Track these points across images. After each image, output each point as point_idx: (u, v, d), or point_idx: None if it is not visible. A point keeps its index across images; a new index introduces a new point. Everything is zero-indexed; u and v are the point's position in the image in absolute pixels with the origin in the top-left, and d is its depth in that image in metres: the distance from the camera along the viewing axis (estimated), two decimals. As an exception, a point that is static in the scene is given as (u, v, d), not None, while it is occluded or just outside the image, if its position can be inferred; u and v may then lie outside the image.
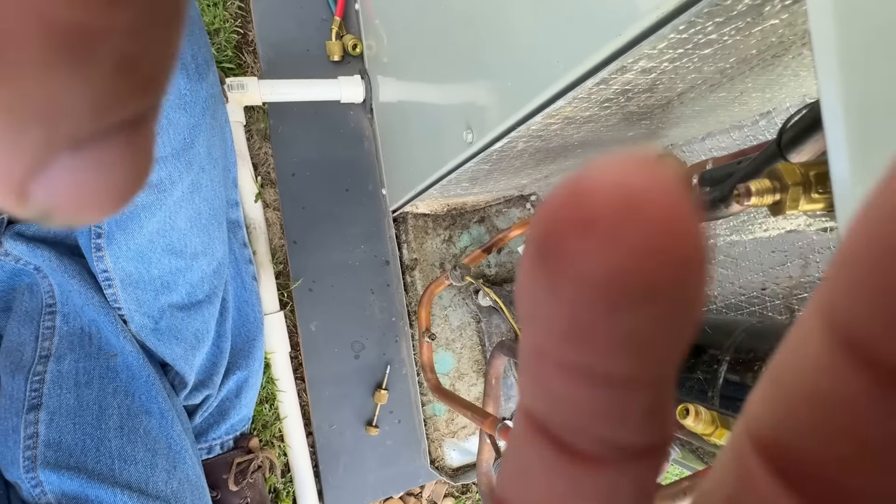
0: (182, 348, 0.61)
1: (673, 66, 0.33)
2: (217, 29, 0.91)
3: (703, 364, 0.47)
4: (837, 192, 0.21)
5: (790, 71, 0.40)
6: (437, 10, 0.57)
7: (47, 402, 0.52)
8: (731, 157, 0.46)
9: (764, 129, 0.58)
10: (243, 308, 0.76)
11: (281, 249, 0.87)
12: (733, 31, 0.29)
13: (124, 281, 0.57)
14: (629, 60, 0.30)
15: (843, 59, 0.20)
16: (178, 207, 0.58)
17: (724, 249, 0.74)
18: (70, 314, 0.57)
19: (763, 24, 0.28)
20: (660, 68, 0.33)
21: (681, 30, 0.27)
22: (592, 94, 0.36)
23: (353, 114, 0.93)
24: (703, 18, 0.26)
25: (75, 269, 0.57)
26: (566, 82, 0.35)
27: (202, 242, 0.62)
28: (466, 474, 0.90)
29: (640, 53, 0.29)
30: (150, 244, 0.57)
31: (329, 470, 0.83)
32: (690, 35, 0.28)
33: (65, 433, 0.51)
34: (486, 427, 0.61)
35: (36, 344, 0.55)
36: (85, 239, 0.56)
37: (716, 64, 0.34)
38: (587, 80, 0.33)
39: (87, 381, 0.54)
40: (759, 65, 0.36)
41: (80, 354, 0.55)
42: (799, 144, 0.31)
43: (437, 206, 0.95)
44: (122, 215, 0.55)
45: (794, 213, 0.25)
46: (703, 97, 0.44)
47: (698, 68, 0.34)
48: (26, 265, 0.57)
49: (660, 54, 0.30)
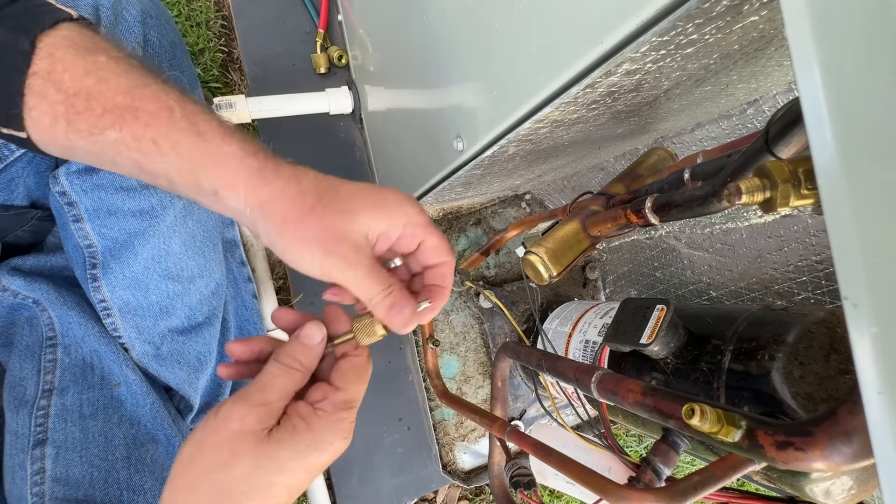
0: (185, 372, 0.61)
1: (657, 67, 0.33)
2: (202, 49, 0.91)
3: (707, 355, 0.48)
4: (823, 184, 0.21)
5: (774, 62, 0.40)
6: (420, 19, 0.56)
7: (53, 437, 0.52)
8: (721, 149, 0.47)
9: (752, 117, 0.59)
10: (245, 326, 0.76)
11: (280, 265, 0.87)
12: (714, 30, 0.29)
13: (122, 309, 0.56)
14: (613, 66, 0.30)
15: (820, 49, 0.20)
16: (172, 232, 0.58)
17: (721, 237, 0.75)
18: (71, 346, 0.56)
19: (743, 21, 0.28)
20: (644, 69, 0.33)
21: (662, 33, 0.27)
22: (579, 98, 0.36)
23: (344, 125, 0.93)
24: (684, 21, 0.26)
25: (74, 300, 0.57)
26: (552, 90, 0.35)
27: (198, 265, 0.62)
28: (479, 477, 0.90)
29: (623, 58, 0.29)
30: (145, 271, 0.57)
31: (342, 481, 0.83)
32: (672, 37, 0.28)
33: (72, 467, 0.51)
34: (495, 431, 0.61)
35: (38, 378, 0.55)
36: (80, 270, 0.56)
37: (699, 61, 0.34)
38: (573, 87, 0.33)
39: (91, 413, 0.54)
40: (743, 58, 0.36)
41: (83, 386, 0.55)
42: (786, 137, 0.32)
43: (433, 211, 0.95)
44: (115, 244, 0.55)
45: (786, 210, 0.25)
46: (689, 92, 0.44)
47: (682, 66, 0.34)
48: (25, 299, 0.57)
49: (643, 57, 0.30)
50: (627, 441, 1.13)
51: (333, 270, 0.32)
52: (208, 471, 0.29)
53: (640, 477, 0.44)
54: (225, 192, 0.31)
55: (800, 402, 0.38)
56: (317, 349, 0.34)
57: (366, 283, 0.32)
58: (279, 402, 0.31)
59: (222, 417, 0.30)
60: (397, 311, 0.33)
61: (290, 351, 0.33)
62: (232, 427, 0.30)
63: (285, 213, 0.31)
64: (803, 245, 0.63)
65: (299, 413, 0.32)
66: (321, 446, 0.31)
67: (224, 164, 0.31)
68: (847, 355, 0.40)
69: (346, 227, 0.32)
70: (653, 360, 0.51)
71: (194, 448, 0.30)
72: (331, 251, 0.31)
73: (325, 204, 0.32)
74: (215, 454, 0.29)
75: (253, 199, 0.31)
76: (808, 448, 0.26)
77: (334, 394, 0.32)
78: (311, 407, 0.32)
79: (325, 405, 0.32)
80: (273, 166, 0.32)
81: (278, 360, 0.33)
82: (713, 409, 0.30)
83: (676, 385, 0.49)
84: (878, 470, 0.20)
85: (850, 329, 0.20)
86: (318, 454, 0.30)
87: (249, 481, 0.29)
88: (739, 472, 0.37)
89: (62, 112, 0.30)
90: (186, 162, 0.31)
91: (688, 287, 0.83)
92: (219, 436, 0.30)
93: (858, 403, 0.23)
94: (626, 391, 0.40)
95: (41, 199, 0.56)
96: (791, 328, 0.41)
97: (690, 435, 0.34)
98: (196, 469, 0.30)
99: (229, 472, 0.29)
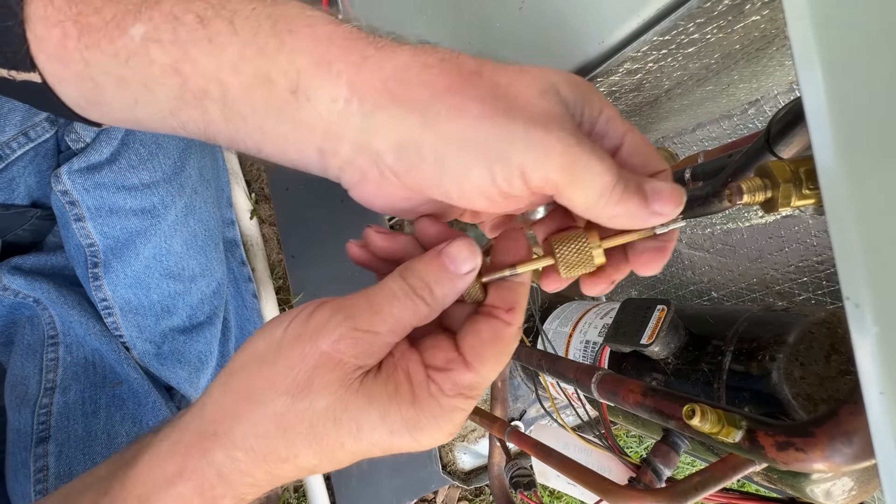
0: (186, 371, 0.61)
1: (658, 66, 0.33)
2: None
3: (708, 356, 0.48)
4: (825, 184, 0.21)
5: (775, 61, 0.40)
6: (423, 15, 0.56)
7: (55, 435, 0.52)
8: (722, 149, 0.46)
9: (753, 117, 0.58)
10: (245, 326, 0.76)
11: (280, 264, 0.87)
12: (715, 30, 0.29)
13: (124, 308, 0.57)
14: (614, 65, 0.30)
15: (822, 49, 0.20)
16: (173, 231, 0.58)
17: (721, 237, 0.74)
18: (73, 345, 0.57)
19: (745, 20, 0.28)
20: (645, 69, 0.33)
21: (663, 32, 0.27)
22: (579, 98, 0.36)
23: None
24: (685, 20, 0.26)
25: (74, 299, 0.57)
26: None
27: (200, 264, 0.62)
28: (479, 477, 0.90)
29: (624, 57, 0.29)
30: (147, 270, 0.57)
31: (341, 482, 0.83)
32: (673, 36, 0.28)
33: (75, 465, 0.51)
34: (495, 431, 0.61)
35: (40, 376, 0.55)
36: (82, 269, 0.56)
37: (700, 61, 0.34)
38: (573, 86, 0.33)
39: (93, 411, 0.54)
40: (744, 58, 0.36)
41: (85, 384, 0.55)
42: (787, 137, 0.32)
43: (433, 210, 0.95)
44: (116, 243, 0.55)
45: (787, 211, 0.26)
46: (690, 92, 0.44)
47: (683, 66, 0.34)
48: (25, 298, 0.57)
49: (644, 56, 0.30)
50: (628, 442, 1.13)
51: (550, 155, 0.19)
52: (270, 384, 0.21)
53: (640, 478, 0.44)
54: (312, 80, 0.20)
55: (800, 402, 0.38)
56: (461, 281, 0.23)
57: (594, 160, 0.20)
58: (388, 337, 0.22)
59: (312, 329, 0.22)
60: (665, 201, 0.21)
61: (421, 271, 0.23)
62: (320, 345, 0.21)
63: (432, 86, 0.20)
64: (804, 246, 0.63)
65: (408, 373, 0.22)
66: (419, 431, 0.22)
67: (308, 28, 0.20)
68: (847, 356, 0.40)
69: (541, 90, 0.20)
70: (653, 361, 0.51)
71: (268, 347, 0.22)
72: (536, 120, 0.19)
73: (495, 67, 0.21)
74: (287, 369, 0.21)
75: (364, 80, 0.20)
76: (808, 449, 0.26)
77: (461, 371, 0.22)
78: (426, 372, 0.22)
79: (445, 382, 0.22)
80: (380, 37, 0.22)
81: (404, 277, 0.23)
82: (714, 409, 0.30)
83: (677, 386, 0.49)
84: (880, 470, 0.20)
85: (852, 329, 0.20)
86: (408, 438, 0.22)
87: (314, 427, 0.21)
88: (740, 472, 0.37)
89: (71, 16, 0.21)
90: (249, 40, 0.20)
91: (688, 287, 0.82)
92: (301, 349, 0.21)
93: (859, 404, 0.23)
94: (626, 391, 0.40)
95: (42, 199, 0.57)
96: (792, 329, 0.41)
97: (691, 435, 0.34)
98: (260, 376, 0.22)
99: (295, 403, 0.21)
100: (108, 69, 0.22)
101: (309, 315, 0.22)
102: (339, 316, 0.22)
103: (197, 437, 0.22)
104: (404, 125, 0.20)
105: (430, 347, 0.23)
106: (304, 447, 0.22)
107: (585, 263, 0.23)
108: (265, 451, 0.21)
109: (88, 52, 0.21)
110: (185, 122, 0.22)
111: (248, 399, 0.22)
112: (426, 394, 0.22)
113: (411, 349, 0.23)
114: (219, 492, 0.22)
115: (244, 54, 0.20)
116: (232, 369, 0.23)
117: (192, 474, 0.22)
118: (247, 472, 0.22)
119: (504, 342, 0.23)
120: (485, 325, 0.23)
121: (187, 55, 0.21)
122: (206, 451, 0.22)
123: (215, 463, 0.22)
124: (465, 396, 0.22)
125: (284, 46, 0.20)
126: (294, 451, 0.22)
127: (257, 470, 0.22)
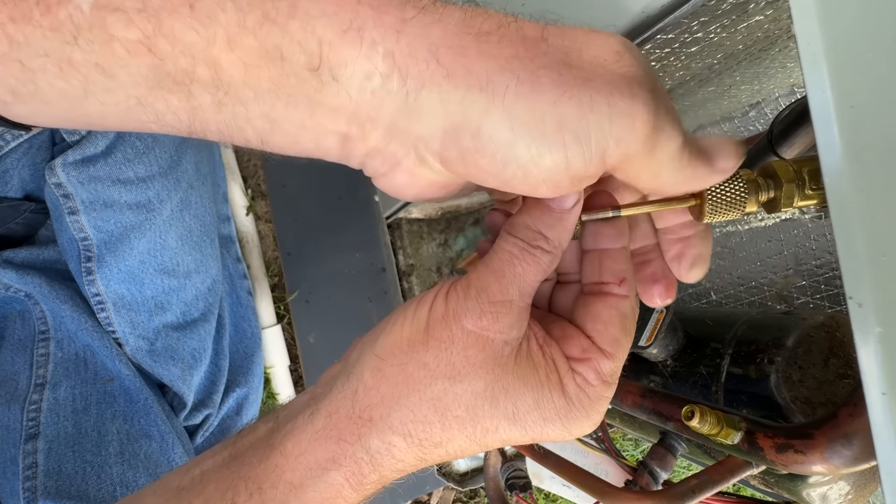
0: (179, 368, 0.61)
1: (661, 65, 0.33)
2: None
3: (706, 358, 0.47)
4: (829, 184, 0.20)
5: (777, 63, 0.40)
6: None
7: (45, 431, 0.51)
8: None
9: (754, 119, 0.58)
10: (240, 324, 0.75)
11: (275, 262, 0.87)
12: (719, 29, 0.28)
13: (117, 304, 0.56)
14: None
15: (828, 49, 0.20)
16: (168, 226, 0.58)
17: (721, 240, 0.75)
18: (64, 340, 0.56)
19: (748, 20, 0.28)
20: (647, 67, 0.33)
21: (666, 30, 0.27)
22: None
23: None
24: (689, 18, 0.26)
25: (66, 294, 0.56)
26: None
27: (194, 260, 0.62)
28: (474, 479, 0.90)
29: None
30: (141, 265, 0.57)
31: (335, 481, 0.83)
32: (677, 35, 0.28)
33: (64, 462, 0.50)
34: (490, 432, 0.60)
35: (30, 372, 0.54)
36: (75, 263, 0.55)
37: (703, 60, 0.34)
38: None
39: (84, 408, 0.53)
40: (747, 59, 0.36)
41: (76, 381, 0.55)
42: (790, 137, 0.31)
43: (432, 210, 0.95)
44: (110, 237, 0.55)
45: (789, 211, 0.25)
46: (692, 93, 0.44)
47: (686, 65, 0.34)
48: (17, 293, 0.56)
49: (647, 54, 0.30)
50: (624, 445, 1.13)
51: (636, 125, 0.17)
52: (425, 368, 0.21)
53: (636, 480, 0.43)
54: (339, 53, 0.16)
55: (798, 406, 0.38)
56: (569, 217, 0.21)
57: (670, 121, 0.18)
58: (521, 301, 0.21)
59: (453, 310, 0.21)
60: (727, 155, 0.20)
61: (527, 222, 0.21)
62: (466, 325, 0.20)
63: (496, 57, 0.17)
64: (803, 249, 0.63)
65: (554, 362, 0.22)
66: (570, 421, 0.21)
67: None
68: (846, 360, 0.40)
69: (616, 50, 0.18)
70: (651, 363, 0.51)
71: (416, 330, 0.21)
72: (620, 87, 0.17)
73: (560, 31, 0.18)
74: (438, 352, 0.20)
75: (406, 50, 0.16)
76: (808, 450, 0.26)
77: (601, 360, 0.22)
78: (568, 364, 0.22)
79: (588, 372, 0.21)
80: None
81: (514, 232, 0.21)
82: (713, 410, 0.30)
83: (675, 388, 0.49)
84: (881, 471, 0.20)
85: (855, 329, 0.19)
86: (560, 427, 0.21)
87: (471, 410, 0.21)
88: (737, 475, 0.37)
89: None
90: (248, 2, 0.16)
91: (687, 290, 0.82)
92: (448, 330, 0.20)
93: (859, 406, 0.23)
94: (624, 393, 0.40)
95: (35, 192, 0.56)
96: (790, 332, 0.41)
97: (689, 437, 0.34)
98: (413, 361, 0.21)
99: (453, 385, 0.20)
100: (44, 49, 0.16)
101: (445, 296, 0.21)
102: (473, 291, 0.21)
103: (350, 423, 0.21)
104: (461, 106, 0.17)
105: (561, 338, 0.22)
106: (458, 430, 0.21)
107: (737, 204, 0.21)
108: (422, 437, 0.21)
109: (14, 26, 0.15)
110: (161, 112, 0.17)
111: (406, 384, 0.21)
112: (573, 384, 0.21)
113: (549, 338, 0.22)
114: (369, 479, 0.22)
115: (243, 23, 0.16)
116: (381, 354, 0.22)
117: (346, 460, 0.21)
118: (400, 457, 0.21)
119: (628, 318, 0.22)
120: (602, 307, 0.22)
121: (162, 27, 0.15)
122: (362, 437, 0.21)
123: (370, 449, 0.21)
124: (608, 384, 0.22)
125: (298, 10, 0.16)
126: (448, 434, 0.21)
127: (409, 455, 0.22)
